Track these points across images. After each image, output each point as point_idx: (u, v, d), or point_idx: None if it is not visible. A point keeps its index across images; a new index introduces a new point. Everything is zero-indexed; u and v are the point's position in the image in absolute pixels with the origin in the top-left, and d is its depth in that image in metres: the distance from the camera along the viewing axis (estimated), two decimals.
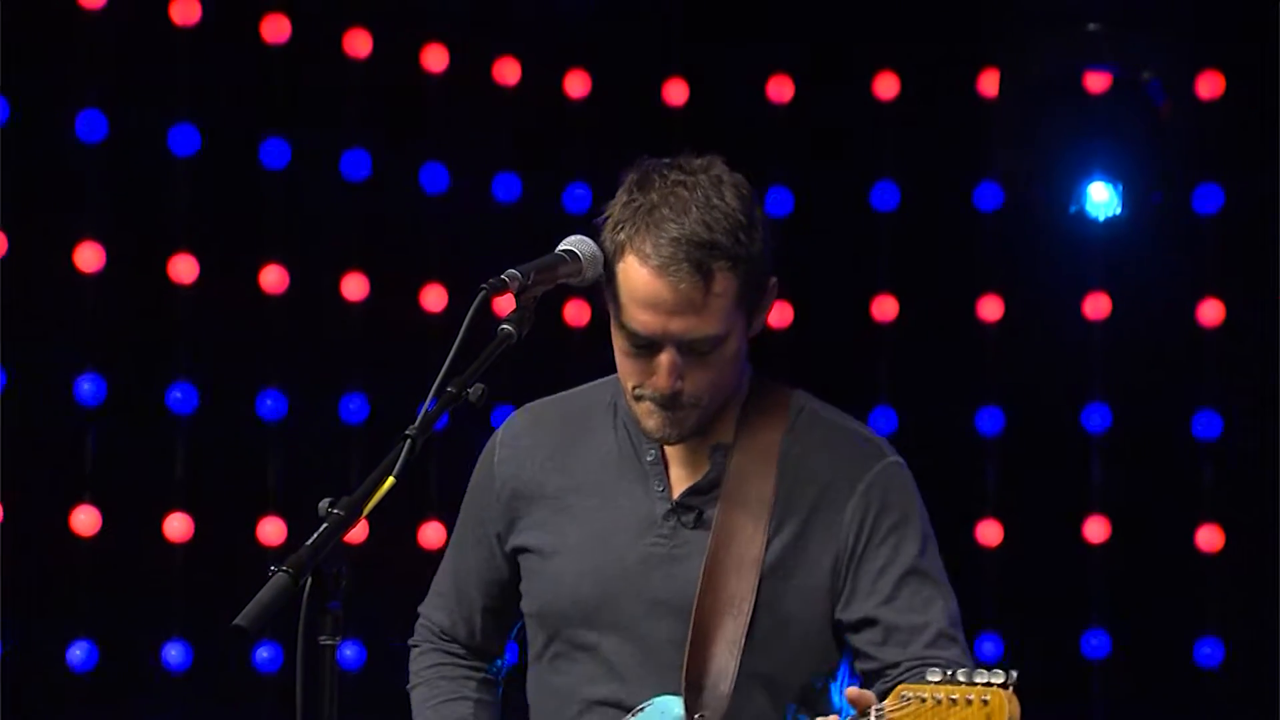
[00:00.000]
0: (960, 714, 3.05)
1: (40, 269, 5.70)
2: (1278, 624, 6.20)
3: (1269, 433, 6.23)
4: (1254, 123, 6.24)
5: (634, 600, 3.55)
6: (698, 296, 3.45)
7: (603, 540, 3.60)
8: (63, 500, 5.72)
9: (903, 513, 3.58)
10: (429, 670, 3.84)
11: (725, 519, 3.56)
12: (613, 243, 3.51)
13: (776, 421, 3.63)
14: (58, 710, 5.69)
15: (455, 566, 3.83)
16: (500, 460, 3.73)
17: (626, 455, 3.63)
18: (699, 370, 3.50)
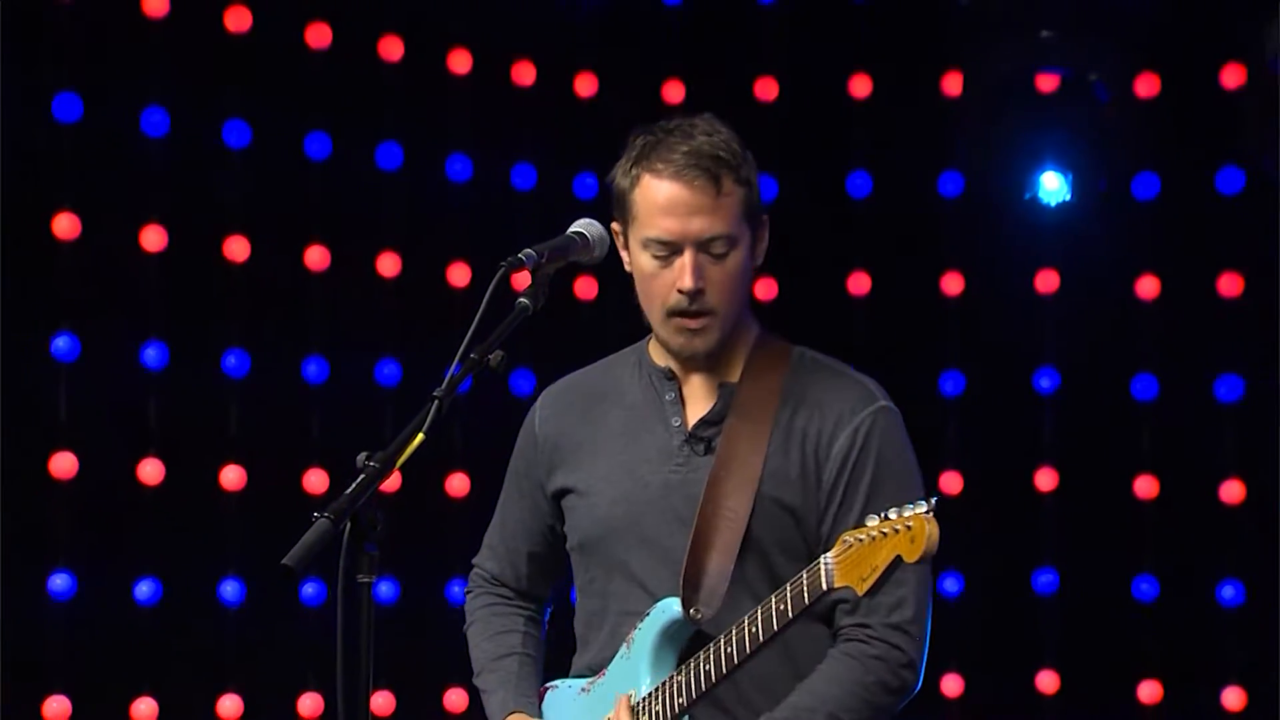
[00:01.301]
0: (891, 542, 3.09)
1: (109, 250, 5.69)
2: (1205, 560, 6.21)
3: (1201, 393, 6.23)
4: (1186, 118, 6.24)
5: (657, 519, 3.59)
6: (709, 198, 3.54)
7: (629, 471, 3.63)
8: (130, 454, 5.71)
9: (886, 452, 3.58)
10: (482, 610, 3.88)
11: (728, 445, 3.58)
12: (627, 177, 3.60)
13: (779, 365, 3.66)
14: (127, 640, 5.68)
15: (503, 520, 3.87)
16: (541, 420, 3.78)
17: (650, 399, 3.68)
18: (715, 272, 3.56)
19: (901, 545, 3.09)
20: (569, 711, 3.65)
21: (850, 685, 3.46)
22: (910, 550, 3.09)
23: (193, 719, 5.75)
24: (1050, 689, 6.32)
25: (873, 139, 6.42)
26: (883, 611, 3.48)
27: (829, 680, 3.48)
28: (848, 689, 3.46)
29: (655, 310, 3.63)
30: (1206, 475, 6.22)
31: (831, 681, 3.47)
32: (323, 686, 5.78)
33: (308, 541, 3.15)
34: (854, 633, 3.49)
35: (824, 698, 3.46)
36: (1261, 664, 6.15)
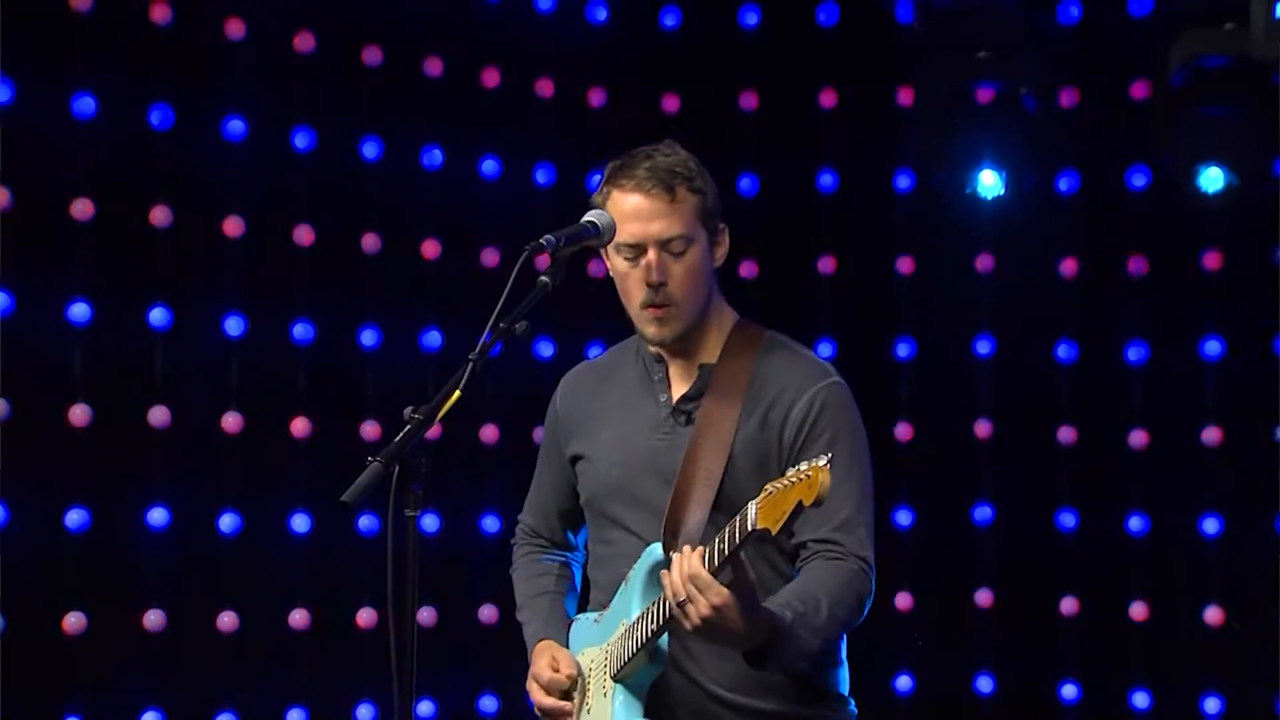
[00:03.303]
0: (797, 490, 3.09)
1: (194, 239, 5.68)
2: (1116, 495, 6.21)
3: (1113, 356, 6.22)
4: (1102, 125, 6.23)
5: (646, 480, 3.60)
6: (665, 204, 3.57)
7: (625, 439, 3.66)
8: (216, 408, 5.71)
9: (838, 421, 3.59)
10: (522, 558, 3.93)
11: (704, 415, 3.59)
12: (602, 195, 3.64)
13: (751, 348, 3.66)
14: (214, 568, 5.68)
15: (537, 484, 3.89)
16: (560, 398, 3.82)
17: (643, 380, 3.69)
18: (675, 268, 3.58)
19: (802, 491, 3.09)
20: (585, 637, 3.68)
21: (838, 582, 3.47)
22: (808, 495, 3.09)
23: (272, 629, 5.74)
24: (987, 604, 6.33)
25: (838, 143, 6.42)
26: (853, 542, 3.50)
27: (821, 577, 3.48)
28: (839, 583, 3.46)
29: (632, 306, 3.66)
30: (1117, 425, 6.22)
31: (824, 578, 3.47)
32: (377, 603, 5.79)
33: (363, 482, 3.17)
34: (829, 550, 3.49)
35: (821, 586, 3.45)
36: (1161, 585, 6.16)
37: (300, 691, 5.78)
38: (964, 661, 6.31)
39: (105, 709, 5.49)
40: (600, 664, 3.57)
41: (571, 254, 3.49)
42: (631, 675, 3.50)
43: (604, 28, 6.28)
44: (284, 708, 5.76)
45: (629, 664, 3.49)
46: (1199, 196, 5.97)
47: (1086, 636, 6.23)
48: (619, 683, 3.51)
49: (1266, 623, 5.98)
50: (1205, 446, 6.10)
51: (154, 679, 5.57)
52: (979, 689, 6.31)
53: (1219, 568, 6.09)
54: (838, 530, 3.50)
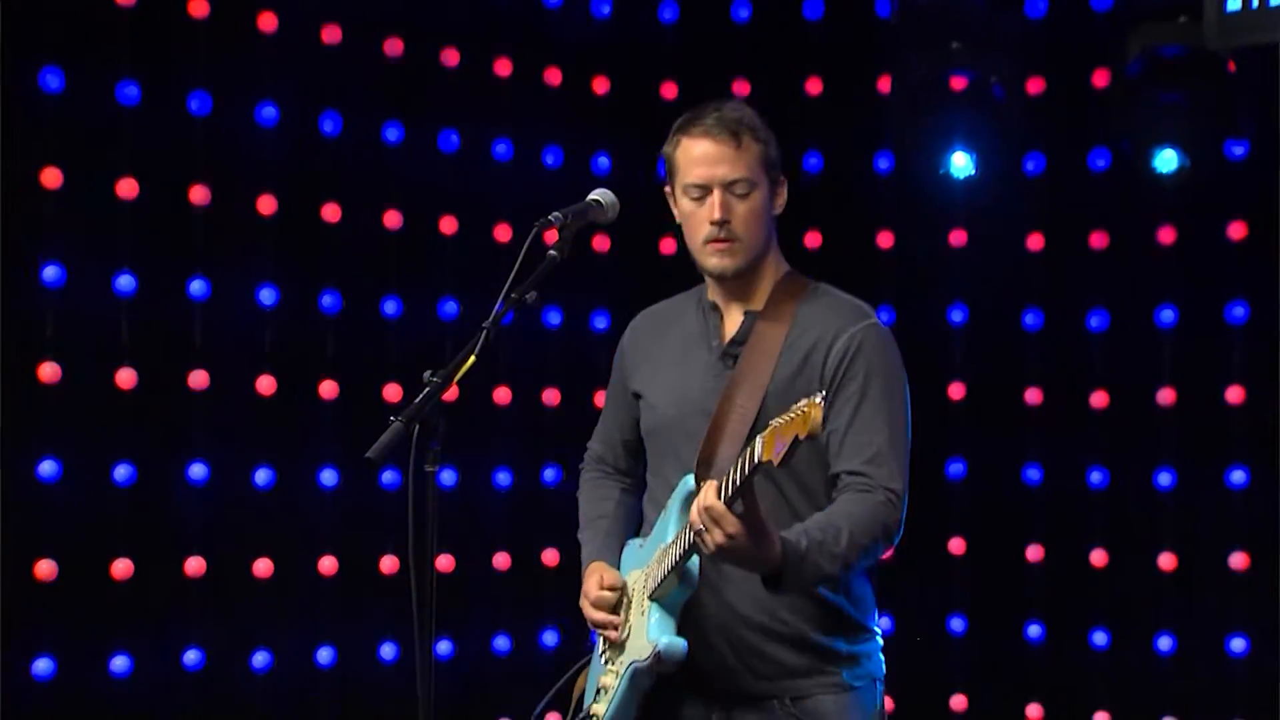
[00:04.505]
0: (794, 423, 3.06)
1: (230, 216, 5.67)
2: (1079, 452, 6.21)
3: (1077, 323, 6.22)
4: (1065, 111, 6.21)
5: (694, 417, 3.58)
6: (731, 149, 3.56)
7: (680, 380, 3.65)
8: (251, 371, 5.70)
9: (873, 359, 3.56)
10: (587, 482, 3.93)
11: (745, 357, 3.58)
12: (671, 144, 3.64)
13: (797, 295, 3.65)
14: (250, 519, 5.68)
15: (605, 416, 3.90)
16: (626, 341, 3.82)
17: (699, 326, 3.69)
18: (739, 207, 3.57)
19: (798, 426, 3.07)
20: (632, 560, 3.68)
21: (863, 511, 3.43)
22: (803, 429, 3.05)
23: (303, 575, 5.75)
24: (959, 551, 6.34)
25: (823, 127, 6.41)
26: (883, 475, 3.47)
27: (848, 507, 3.45)
28: (863, 512, 3.43)
29: (696, 242, 3.63)
30: (1080, 387, 6.22)
31: (850, 508, 3.44)
32: (399, 551, 5.78)
33: (386, 440, 3.16)
34: (859, 482, 3.47)
35: (845, 515, 3.42)
36: (1119, 533, 6.16)
37: (329, 632, 5.79)
38: (939, 603, 6.33)
39: (151, 648, 5.50)
40: (640, 584, 3.57)
41: (578, 229, 3.48)
42: (665, 595, 3.48)
43: (607, 21, 6.26)
44: (314, 647, 5.77)
45: (662, 584, 3.47)
46: (1155, 176, 5.97)
47: (1050, 581, 6.24)
48: (654, 601, 3.50)
49: (1216, 568, 5.98)
50: (1160, 406, 6.10)
51: (195, 621, 5.57)
52: (952, 628, 6.33)
53: (1172, 518, 6.09)
54: (868, 463, 3.47)
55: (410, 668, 3.21)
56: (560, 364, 6.20)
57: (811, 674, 3.54)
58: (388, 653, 5.83)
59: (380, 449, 3.15)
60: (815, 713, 3.53)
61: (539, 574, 6.10)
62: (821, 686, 3.54)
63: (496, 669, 6.05)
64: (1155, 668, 6.06)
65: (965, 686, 6.31)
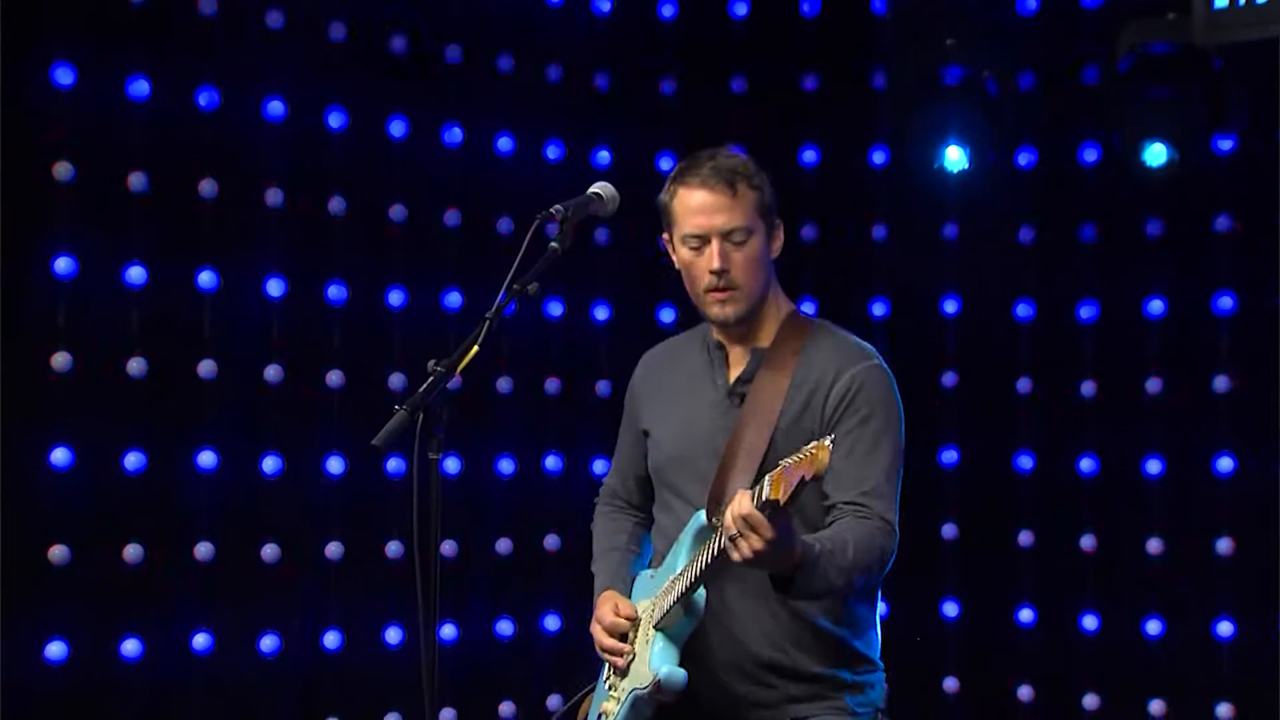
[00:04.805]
0: (800, 465, 3.09)
1: (238, 209, 5.67)
2: (1069, 440, 6.21)
3: (1067, 315, 6.22)
4: (1057, 106, 6.21)
5: (701, 454, 3.60)
6: (728, 199, 3.56)
7: (688, 418, 3.66)
8: (258, 361, 5.71)
9: (873, 398, 3.56)
10: (601, 516, 3.92)
11: (754, 396, 3.58)
12: (668, 194, 3.64)
13: (801, 334, 3.64)
14: (257, 505, 5.68)
15: (618, 453, 3.89)
16: (636, 379, 3.83)
17: (705, 365, 3.70)
18: (737, 256, 3.57)
19: (805, 467, 3.09)
20: (642, 590, 3.69)
21: (865, 536, 3.44)
22: (809, 470, 3.09)
23: (310, 560, 5.75)
24: (951, 537, 6.34)
25: (820, 122, 6.42)
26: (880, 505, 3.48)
27: (851, 526, 3.46)
28: (864, 536, 3.44)
29: (696, 291, 3.64)
30: (1070, 376, 6.22)
31: (853, 528, 3.45)
32: (404, 536, 5.79)
33: (391, 428, 3.16)
34: (858, 510, 3.48)
35: (850, 532, 3.43)
36: (1108, 519, 6.17)
37: (335, 616, 5.79)
38: (932, 589, 6.34)
39: (160, 632, 5.50)
40: (648, 614, 3.58)
41: (578, 222, 3.49)
42: (671, 625, 3.50)
43: (607, 18, 6.26)
44: (321, 630, 5.77)
45: (668, 614, 3.49)
46: (1144, 170, 5.97)
47: (1041, 566, 6.25)
48: (659, 631, 3.51)
49: (1203, 554, 5.99)
50: (1148, 395, 6.10)
51: (204, 605, 5.58)
52: (945, 613, 6.33)
53: (1160, 504, 6.10)
54: (865, 495, 3.48)
55: (415, 651, 3.22)
56: (561, 354, 6.20)
57: (814, 700, 3.57)
58: (393, 637, 5.84)
59: (385, 437, 3.16)
60: None
61: (541, 560, 6.11)
62: (824, 710, 3.57)
63: (499, 653, 6.05)
64: (1144, 651, 6.06)
65: (958, 669, 6.33)
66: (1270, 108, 5.83)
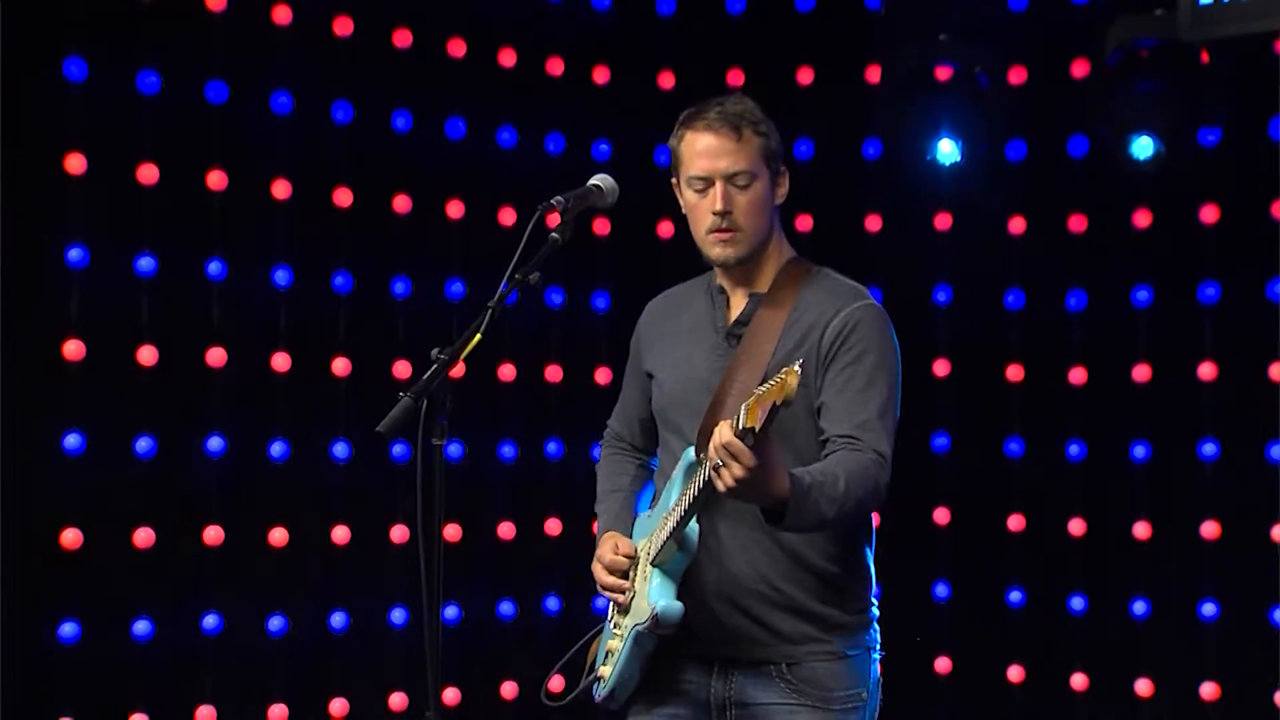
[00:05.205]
0: (771, 392, 3.08)
1: (246, 201, 5.67)
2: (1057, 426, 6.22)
3: (1056, 304, 6.22)
4: (1046, 100, 6.22)
5: (699, 395, 3.58)
6: (732, 143, 3.54)
7: (688, 358, 3.65)
8: (266, 349, 5.71)
9: (867, 337, 3.55)
10: (605, 457, 3.90)
11: (748, 338, 3.58)
12: (676, 138, 3.63)
13: (800, 278, 3.64)
14: (265, 490, 5.68)
15: (623, 395, 3.87)
16: (641, 323, 3.82)
17: (707, 308, 3.69)
18: (740, 199, 3.56)
19: (775, 394, 3.08)
20: (641, 530, 3.68)
21: (858, 467, 3.40)
22: (779, 396, 3.08)
23: (317, 544, 5.76)
24: (943, 520, 6.35)
25: (814, 115, 6.41)
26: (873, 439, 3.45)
27: (842, 459, 3.43)
28: (856, 467, 3.40)
29: (699, 232, 3.63)
30: (1059, 364, 6.22)
31: (844, 460, 3.42)
32: (408, 521, 5.80)
33: (395, 414, 3.16)
34: (850, 443, 3.45)
35: (841, 465, 3.40)
36: (1096, 503, 6.17)
37: (342, 598, 5.80)
38: (924, 570, 6.34)
39: (171, 614, 5.51)
40: (646, 551, 3.58)
41: (579, 213, 3.49)
42: (666, 561, 3.48)
43: (607, 13, 6.26)
44: (328, 612, 5.78)
45: (663, 550, 3.48)
46: (1131, 162, 5.97)
47: (1030, 549, 6.25)
48: (656, 567, 3.50)
49: (1188, 536, 6.00)
50: (1135, 382, 6.11)
51: (213, 587, 5.59)
52: (937, 594, 6.34)
53: (1146, 488, 6.11)
54: (858, 428, 3.45)
55: (419, 632, 3.22)
56: (562, 342, 6.21)
57: (806, 641, 3.54)
58: (398, 618, 5.85)
59: (390, 423, 3.16)
60: (809, 679, 3.53)
61: (542, 542, 6.11)
62: (815, 654, 3.54)
63: (501, 633, 6.06)
64: (1130, 631, 6.07)
65: (949, 650, 6.33)
66: (1254, 101, 5.84)
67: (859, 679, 3.58)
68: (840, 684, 3.55)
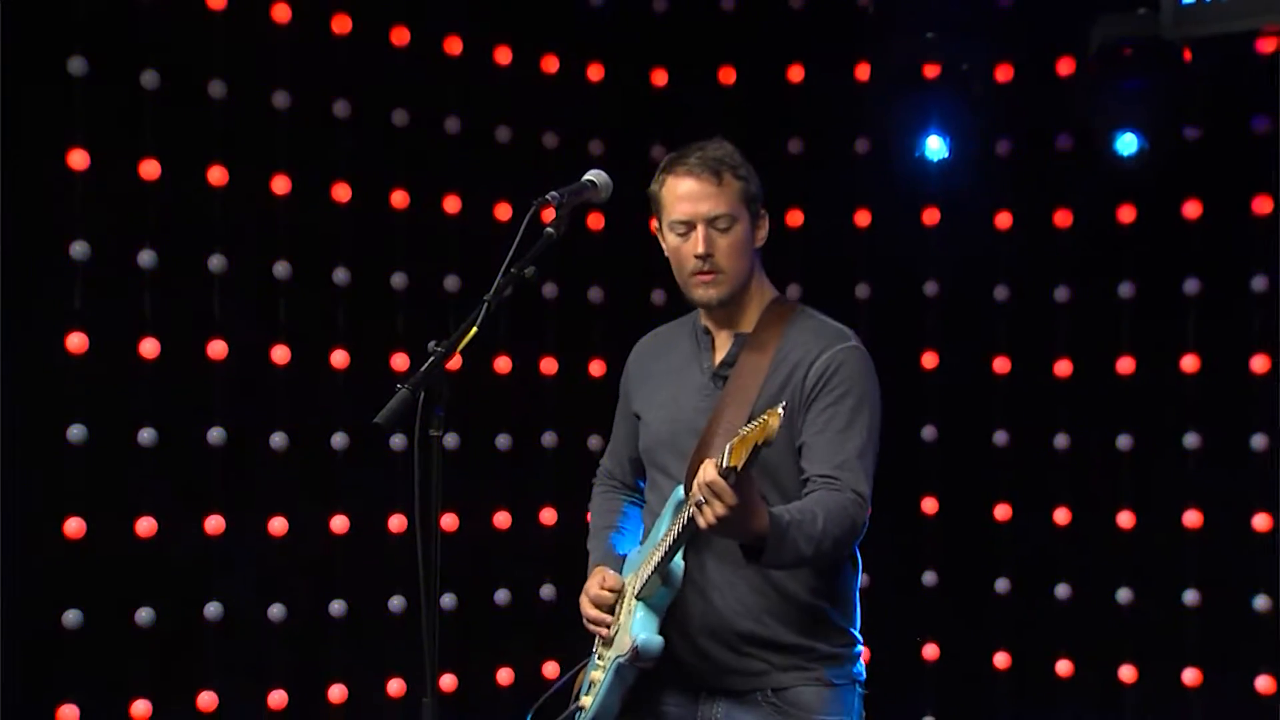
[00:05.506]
0: (754, 433, 3.11)
1: (247, 196, 5.67)
2: (1045, 418, 6.22)
3: (1043, 298, 6.23)
4: (1033, 96, 6.22)
5: (685, 435, 3.60)
6: (713, 187, 3.57)
7: (674, 400, 3.67)
8: (266, 341, 5.71)
9: (849, 379, 3.56)
10: (598, 493, 3.94)
11: (735, 378, 3.59)
12: (657, 183, 3.65)
13: (783, 319, 3.65)
14: (264, 477, 5.69)
15: (614, 434, 3.91)
16: (629, 364, 3.85)
17: (693, 350, 3.71)
18: (721, 242, 3.58)
19: (757, 435, 3.11)
20: (631, 565, 3.70)
21: (836, 506, 3.42)
22: (761, 437, 3.10)
23: (314, 533, 5.76)
24: (931, 510, 6.36)
25: (805, 111, 6.41)
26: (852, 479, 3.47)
27: (821, 499, 3.45)
28: (834, 506, 3.42)
29: (683, 275, 3.66)
30: (1045, 356, 6.23)
31: (823, 499, 3.44)
32: (406, 510, 5.80)
33: (393, 406, 3.16)
34: (829, 483, 3.47)
35: (819, 504, 3.42)
36: (1080, 494, 6.19)
37: (340, 586, 5.81)
38: (912, 559, 6.35)
39: (172, 600, 5.52)
40: (632, 586, 3.60)
41: (573, 208, 3.49)
42: (651, 595, 3.51)
43: (602, 11, 6.26)
44: (327, 599, 5.79)
45: (647, 584, 3.51)
46: (1116, 158, 5.97)
47: (1016, 538, 6.27)
48: (640, 601, 3.53)
49: (1170, 525, 6.01)
50: (1119, 374, 6.12)
51: (215, 575, 5.59)
52: (925, 582, 6.36)
53: (1130, 478, 6.12)
54: (838, 469, 3.47)
55: (417, 619, 3.22)
56: (557, 335, 6.21)
57: (792, 670, 3.57)
58: (396, 604, 5.85)
59: (388, 415, 3.16)
60: (796, 704, 3.56)
61: (537, 531, 6.12)
62: (802, 680, 3.57)
63: (497, 620, 6.07)
64: (1114, 619, 6.09)
65: (936, 636, 6.35)
66: (1235, 99, 5.85)
67: (843, 708, 3.60)
68: (825, 709, 3.57)
